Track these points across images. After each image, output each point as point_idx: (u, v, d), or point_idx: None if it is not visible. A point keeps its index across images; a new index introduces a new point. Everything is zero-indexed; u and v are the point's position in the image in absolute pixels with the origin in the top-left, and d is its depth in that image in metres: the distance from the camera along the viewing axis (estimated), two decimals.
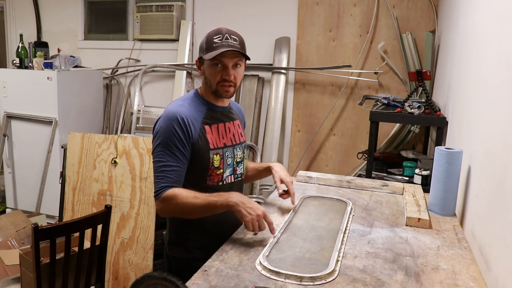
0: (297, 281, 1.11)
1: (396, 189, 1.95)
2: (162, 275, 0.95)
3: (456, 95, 2.14)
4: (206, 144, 1.47)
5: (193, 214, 1.43)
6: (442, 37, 3.08)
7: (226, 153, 1.52)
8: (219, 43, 1.42)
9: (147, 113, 4.34)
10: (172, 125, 1.41)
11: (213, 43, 1.43)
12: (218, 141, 1.51)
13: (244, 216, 1.32)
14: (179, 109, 1.45)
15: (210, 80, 1.48)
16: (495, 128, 1.27)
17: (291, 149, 4.02)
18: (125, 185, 2.75)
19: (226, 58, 1.43)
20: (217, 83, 1.47)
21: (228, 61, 1.44)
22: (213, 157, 1.48)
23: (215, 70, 1.45)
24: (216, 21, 4.10)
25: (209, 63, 1.45)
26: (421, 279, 1.15)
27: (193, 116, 1.47)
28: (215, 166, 1.49)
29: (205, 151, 1.46)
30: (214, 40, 1.43)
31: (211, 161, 1.48)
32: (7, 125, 4.05)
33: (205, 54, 1.44)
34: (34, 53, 3.99)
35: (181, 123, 1.42)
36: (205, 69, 1.49)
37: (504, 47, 1.26)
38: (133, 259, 2.69)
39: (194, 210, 1.39)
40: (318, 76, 3.85)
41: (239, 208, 1.33)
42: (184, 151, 1.43)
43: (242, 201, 1.34)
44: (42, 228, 1.77)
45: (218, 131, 1.52)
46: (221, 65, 1.44)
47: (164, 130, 1.42)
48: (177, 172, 1.42)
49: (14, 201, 4.18)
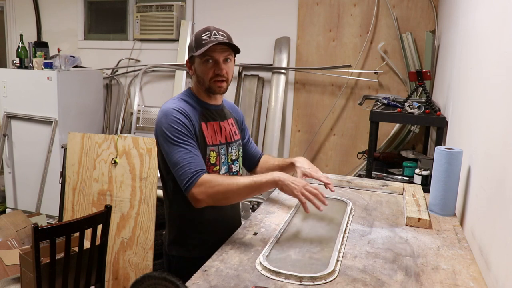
0: (297, 281, 1.11)
1: (396, 189, 1.95)
2: (162, 275, 0.95)
3: (456, 95, 2.13)
4: (203, 140, 1.48)
5: (236, 196, 1.40)
6: (442, 37, 3.08)
7: (221, 151, 1.54)
8: (208, 39, 1.43)
9: (147, 113, 4.34)
10: (175, 117, 1.42)
11: (201, 40, 1.44)
12: (214, 139, 1.52)
13: (294, 188, 1.36)
14: (177, 104, 1.47)
15: (202, 77, 1.48)
16: (495, 128, 1.27)
17: (291, 149, 4.02)
18: (125, 185, 2.75)
19: (216, 53, 1.44)
20: (210, 79, 1.47)
21: (219, 56, 1.45)
22: (210, 154, 1.49)
23: (206, 67, 1.46)
24: (216, 21, 4.08)
25: (200, 60, 1.46)
26: (421, 279, 1.15)
27: (191, 112, 1.48)
28: (212, 162, 1.50)
29: (203, 147, 1.48)
30: (202, 37, 1.44)
31: (208, 157, 1.49)
32: (7, 125, 4.05)
33: (196, 51, 1.45)
34: (34, 53, 3.99)
35: (183, 114, 1.43)
36: (196, 67, 1.50)
37: (504, 47, 1.26)
38: (133, 259, 2.69)
39: (238, 190, 1.37)
40: (318, 76, 3.85)
41: (287, 183, 1.36)
42: (194, 138, 1.43)
43: (285, 178, 1.38)
44: (42, 228, 1.77)
45: (213, 129, 1.53)
46: (212, 60, 1.45)
47: (170, 123, 1.42)
48: (200, 159, 1.41)
49: (14, 201, 4.18)
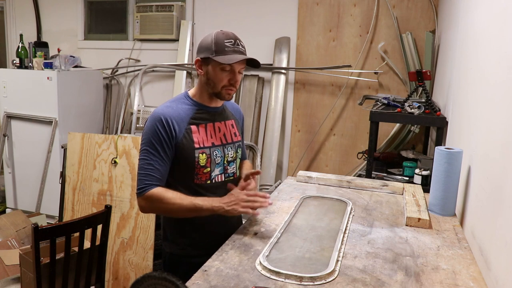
0: (297, 281, 1.11)
1: (396, 189, 1.95)
2: (162, 275, 0.95)
3: (456, 95, 2.13)
4: (191, 143, 1.49)
5: (177, 214, 1.49)
6: (442, 37, 3.08)
7: (214, 152, 1.54)
8: (232, 47, 1.45)
9: (147, 113, 4.34)
10: (156, 125, 1.46)
11: (224, 46, 1.44)
12: (206, 141, 1.53)
13: (234, 210, 1.40)
14: (164, 110, 1.49)
15: (215, 82, 1.49)
16: (495, 128, 1.27)
17: (291, 149, 4.02)
18: (125, 185, 2.75)
19: (236, 64, 1.47)
20: (222, 87, 1.49)
21: (238, 67, 1.48)
22: (198, 156, 1.50)
23: (222, 74, 1.47)
24: (216, 21, 4.11)
25: (218, 66, 1.46)
26: (421, 279, 1.15)
27: (179, 117, 1.49)
28: (201, 164, 1.51)
29: (190, 150, 1.49)
30: (225, 43, 1.45)
31: (197, 160, 1.50)
32: (7, 125, 4.05)
33: (216, 56, 1.44)
34: (34, 53, 3.99)
35: (164, 124, 1.46)
36: (210, 70, 1.48)
37: (504, 47, 1.26)
38: (133, 259, 2.70)
39: (179, 210, 1.44)
40: (318, 76, 3.85)
41: (226, 209, 1.40)
42: (167, 150, 1.47)
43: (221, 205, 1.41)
44: (42, 228, 1.77)
45: (206, 131, 1.54)
46: (230, 69, 1.47)
47: (149, 130, 1.48)
48: (160, 171, 1.47)
49: (14, 201, 4.18)
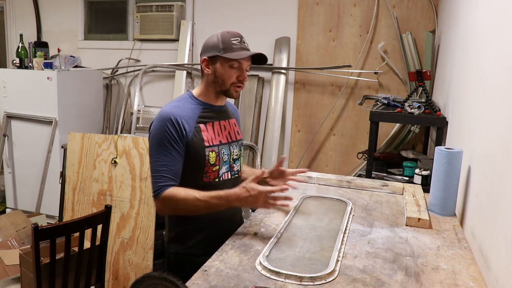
0: (297, 281, 1.11)
1: (396, 189, 1.95)
2: (162, 275, 0.95)
3: (456, 95, 2.13)
4: (201, 141, 1.50)
5: (194, 212, 1.47)
6: (442, 37, 3.08)
7: (222, 150, 1.55)
8: (239, 45, 1.48)
9: (147, 113, 4.34)
10: (166, 125, 1.46)
11: (232, 44, 1.47)
12: (214, 139, 1.54)
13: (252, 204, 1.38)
14: (172, 110, 1.48)
15: (223, 80, 1.50)
16: (495, 128, 1.27)
17: (291, 149, 4.02)
18: (125, 185, 2.75)
19: (244, 61, 1.50)
20: (231, 84, 1.51)
21: (245, 64, 1.51)
22: (208, 154, 1.50)
23: (231, 71, 1.49)
24: (216, 21, 4.10)
25: (227, 63, 1.48)
26: (421, 279, 1.15)
27: (187, 116, 1.49)
28: (211, 163, 1.51)
29: (201, 149, 1.49)
30: (232, 41, 1.48)
31: (207, 158, 1.50)
32: (7, 125, 4.05)
33: (224, 53, 1.46)
34: (34, 53, 3.99)
35: (174, 123, 1.45)
36: (218, 68, 1.50)
37: (504, 47, 1.26)
38: (133, 259, 2.69)
39: (195, 208, 1.42)
40: (318, 76, 3.85)
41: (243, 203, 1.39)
42: (179, 149, 1.47)
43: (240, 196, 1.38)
44: (42, 228, 1.77)
45: (213, 129, 1.55)
46: (239, 66, 1.49)
47: (158, 130, 1.47)
48: (173, 171, 1.46)
49: (14, 201, 4.18)
